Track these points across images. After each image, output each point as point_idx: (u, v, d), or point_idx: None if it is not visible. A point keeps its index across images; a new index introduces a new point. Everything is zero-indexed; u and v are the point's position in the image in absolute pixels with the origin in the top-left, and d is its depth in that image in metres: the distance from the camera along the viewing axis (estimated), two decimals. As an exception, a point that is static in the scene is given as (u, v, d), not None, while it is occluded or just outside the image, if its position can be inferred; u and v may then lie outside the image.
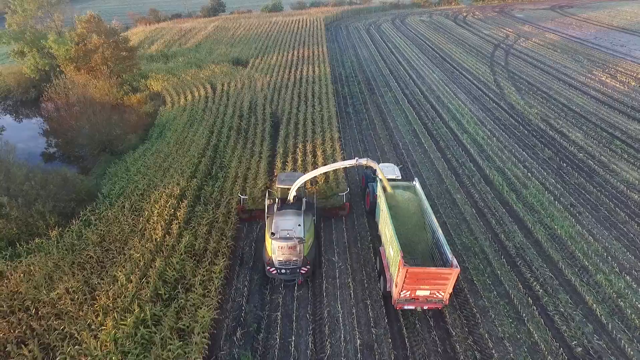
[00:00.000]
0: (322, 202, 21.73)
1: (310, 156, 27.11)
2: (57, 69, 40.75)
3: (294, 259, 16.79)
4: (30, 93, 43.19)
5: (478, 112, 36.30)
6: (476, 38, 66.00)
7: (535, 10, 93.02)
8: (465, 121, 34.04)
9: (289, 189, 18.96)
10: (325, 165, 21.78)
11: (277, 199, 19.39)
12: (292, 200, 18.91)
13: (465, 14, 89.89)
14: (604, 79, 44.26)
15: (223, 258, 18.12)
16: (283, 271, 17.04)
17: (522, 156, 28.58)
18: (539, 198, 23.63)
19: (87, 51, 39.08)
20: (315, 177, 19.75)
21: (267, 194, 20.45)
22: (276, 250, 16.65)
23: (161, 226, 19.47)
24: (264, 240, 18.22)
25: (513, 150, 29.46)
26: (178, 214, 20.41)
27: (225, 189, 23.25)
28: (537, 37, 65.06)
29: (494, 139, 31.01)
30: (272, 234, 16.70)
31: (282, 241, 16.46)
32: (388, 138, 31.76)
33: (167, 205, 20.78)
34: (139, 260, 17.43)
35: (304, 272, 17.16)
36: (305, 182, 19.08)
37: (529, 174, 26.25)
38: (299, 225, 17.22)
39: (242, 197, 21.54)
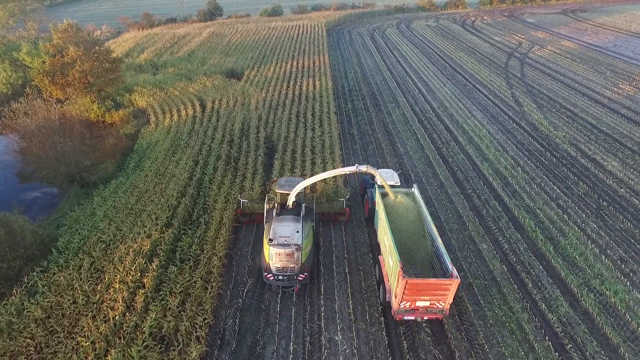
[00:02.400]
0: (322, 207, 21.22)
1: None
2: (33, 83, 37.05)
3: (292, 265, 16.39)
4: (4, 107, 39.46)
5: (497, 134, 32.44)
6: (487, 45, 62.14)
7: (547, 14, 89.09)
8: (485, 146, 30.19)
9: (288, 194, 18.43)
10: (324, 171, 21.29)
11: (276, 204, 18.83)
12: (291, 206, 18.46)
13: (473, 19, 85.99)
14: (632, 93, 40.40)
15: (197, 344, 14.31)
16: (280, 278, 16.69)
17: (554, 192, 24.72)
18: (581, 250, 19.79)
19: (64, 64, 35.34)
20: (314, 183, 19.15)
21: (266, 198, 19.90)
22: (273, 256, 16.28)
23: (123, 297, 15.68)
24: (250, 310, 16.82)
25: (542, 183, 25.60)
26: (145, 279, 16.60)
27: (207, 240, 19.44)
28: (552, 44, 61.19)
29: (519, 169, 27.16)
30: (270, 240, 16.32)
31: (280, 248, 16.10)
32: (398, 167, 27.89)
33: (133, 268, 16.97)
34: (89, 351, 13.64)
35: (301, 279, 16.79)
36: (304, 187, 18.46)
37: (565, 216, 22.41)
38: (297, 231, 16.87)
39: (242, 200, 21.17)
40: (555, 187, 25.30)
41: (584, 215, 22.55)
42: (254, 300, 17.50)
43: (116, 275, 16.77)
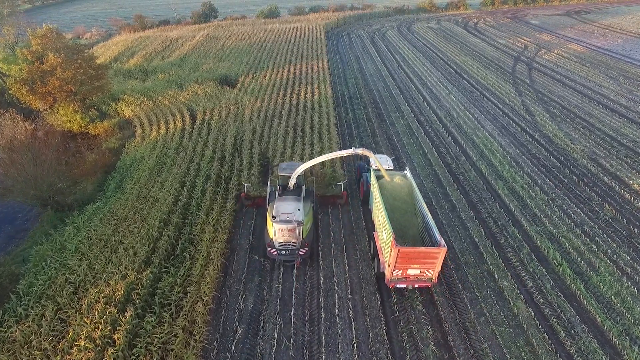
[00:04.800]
0: (321, 190, 22.53)
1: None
2: (10, 92, 34.49)
3: (293, 240, 17.64)
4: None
5: (510, 147, 30.13)
6: (492, 49, 59.91)
7: (550, 16, 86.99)
8: (497, 161, 27.86)
9: (289, 177, 19.67)
10: (323, 154, 22.45)
11: (278, 186, 19.97)
12: (292, 188, 19.75)
13: (476, 20, 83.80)
14: (649, 102, 38.19)
15: (174, 422, 11.90)
16: (283, 252, 17.92)
17: (578, 216, 22.40)
18: (617, 289, 17.47)
19: (44, 72, 32.84)
20: (312, 166, 20.47)
21: (269, 182, 21.31)
22: (277, 232, 17.50)
23: None
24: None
25: (564, 206, 23.29)
26: (117, 334, 14.15)
27: (191, 280, 17.01)
28: (559, 47, 59.02)
29: (537, 188, 24.85)
30: (273, 217, 17.51)
31: (283, 224, 17.33)
32: (405, 186, 25.51)
33: (103, 320, 14.51)
34: None
35: (302, 253, 18.02)
36: (304, 170, 19.66)
37: (593, 245, 20.09)
38: (299, 210, 18.04)
39: (245, 185, 22.45)
40: (578, 209, 22.98)
41: (615, 245, 20.23)
42: (245, 353, 15.14)
43: (82, 329, 14.31)
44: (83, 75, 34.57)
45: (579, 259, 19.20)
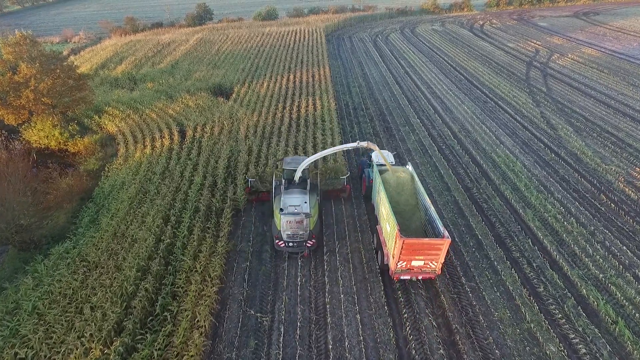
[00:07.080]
0: (325, 184, 22.83)
1: (313, 281, 17.80)
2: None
3: (301, 232, 17.80)
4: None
5: (535, 167, 27.08)
6: (501, 53, 56.90)
7: (558, 17, 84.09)
8: (523, 185, 24.80)
9: (294, 171, 19.84)
10: (326, 148, 23.47)
11: (283, 180, 20.01)
12: (297, 181, 19.79)
13: (481, 22, 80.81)
14: (680, 113, 35.22)
15: None
16: (290, 244, 18.07)
17: (625, 255, 19.35)
18: (688, 356, 14.40)
19: (17, 83, 29.61)
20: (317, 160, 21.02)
21: (274, 176, 21.30)
22: (284, 224, 17.64)
23: None
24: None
25: (607, 242, 20.24)
26: None
27: (172, 351, 13.84)
28: (572, 52, 56.06)
29: (572, 219, 21.79)
30: (281, 209, 17.66)
31: (290, 216, 17.47)
32: (421, 216, 22.41)
33: (54, 419, 11.34)
34: None
35: (309, 245, 18.24)
36: (309, 164, 19.91)
37: (650, 295, 17.02)
38: (305, 202, 18.32)
39: (250, 179, 22.50)
40: (624, 247, 19.93)
41: (675, 295, 17.17)
42: None
43: None
44: (62, 86, 31.32)
45: (637, 314, 16.15)
